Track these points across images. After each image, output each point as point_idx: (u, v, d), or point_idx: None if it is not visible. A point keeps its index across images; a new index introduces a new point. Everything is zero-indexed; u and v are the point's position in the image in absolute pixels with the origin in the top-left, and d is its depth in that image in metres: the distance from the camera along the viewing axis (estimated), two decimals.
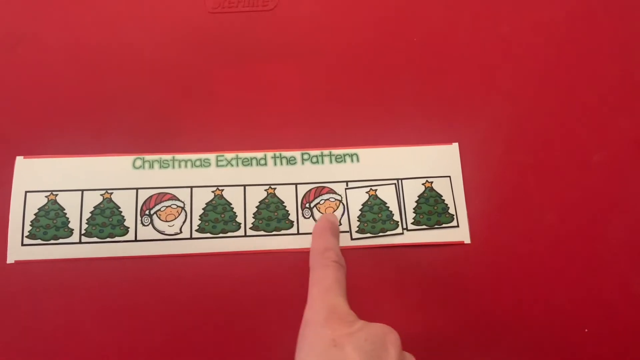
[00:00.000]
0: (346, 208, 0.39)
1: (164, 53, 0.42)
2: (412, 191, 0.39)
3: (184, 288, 0.37)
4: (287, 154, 0.40)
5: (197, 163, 0.39)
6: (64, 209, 0.37)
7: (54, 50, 0.41)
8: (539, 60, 0.42)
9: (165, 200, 0.38)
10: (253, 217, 0.38)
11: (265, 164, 0.39)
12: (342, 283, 0.30)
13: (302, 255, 0.37)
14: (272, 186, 0.39)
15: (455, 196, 0.39)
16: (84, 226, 0.37)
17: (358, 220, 0.38)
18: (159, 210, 0.38)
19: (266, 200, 0.38)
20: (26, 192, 0.38)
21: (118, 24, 0.42)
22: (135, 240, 0.37)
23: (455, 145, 0.40)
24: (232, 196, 0.38)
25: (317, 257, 0.32)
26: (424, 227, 0.38)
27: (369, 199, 0.39)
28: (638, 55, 0.43)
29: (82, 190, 0.38)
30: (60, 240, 0.37)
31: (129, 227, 0.37)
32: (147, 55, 0.42)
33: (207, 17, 0.43)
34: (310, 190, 0.39)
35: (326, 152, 0.40)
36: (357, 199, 0.39)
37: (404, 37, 0.43)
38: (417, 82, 0.42)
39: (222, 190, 0.38)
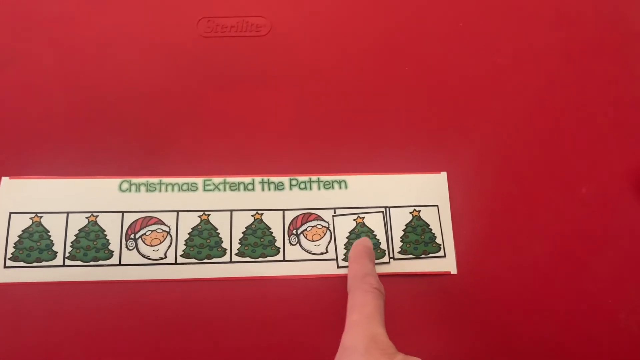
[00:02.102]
0: (333, 236, 0.38)
1: (154, 76, 0.42)
2: (400, 220, 0.39)
3: (168, 314, 0.36)
4: (275, 179, 0.40)
5: (184, 187, 0.39)
6: (49, 231, 0.37)
7: (43, 72, 0.41)
8: (529, 91, 0.43)
9: (151, 225, 0.38)
10: (239, 243, 0.38)
11: (253, 189, 0.39)
12: (382, 311, 0.30)
13: (287, 283, 0.37)
14: (259, 212, 0.39)
15: (442, 226, 0.39)
16: (68, 249, 0.37)
17: (345, 249, 0.38)
18: (144, 234, 0.37)
19: (253, 226, 0.38)
20: (10, 213, 0.37)
21: (109, 46, 0.43)
22: (120, 265, 0.37)
23: (444, 174, 0.40)
24: (219, 221, 0.38)
25: (357, 282, 0.32)
26: (411, 256, 0.38)
27: (356, 226, 0.39)
28: (628, 88, 0.43)
29: (67, 213, 0.38)
30: (44, 263, 0.36)
31: (113, 251, 0.37)
32: (137, 77, 0.42)
33: (199, 41, 0.43)
34: (297, 216, 0.39)
35: (314, 178, 0.40)
36: (344, 227, 0.39)
37: (396, 66, 0.43)
38: (408, 110, 0.42)
39: (209, 215, 0.38)
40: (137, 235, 0.37)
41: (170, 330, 0.36)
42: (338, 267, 0.38)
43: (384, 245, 0.38)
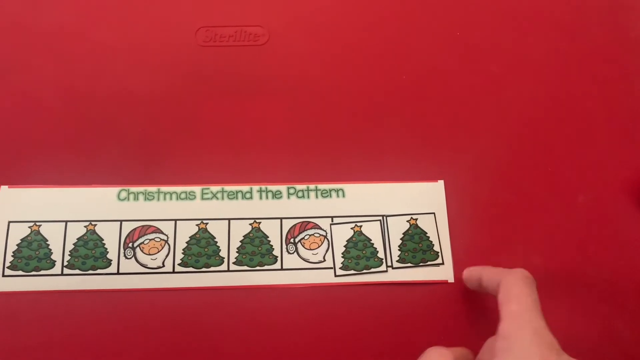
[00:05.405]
0: (331, 244, 0.38)
1: (153, 85, 0.42)
2: (397, 228, 0.39)
3: (166, 322, 0.36)
4: (273, 188, 0.40)
5: (183, 196, 0.39)
6: (47, 240, 0.37)
7: (42, 81, 0.42)
8: (525, 100, 0.43)
9: (149, 233, 0.38)
10: (237, 252, 0.38)
11: (251, 197, 0.39)
12: (539, 303, 0.29)
13: (285, 292, 0.37)
14: (257, 220, 0.39)
15: (439, 234, 0.39)
16: (67, 258, 0.37)
17: (342, 257, 0.38)
18: (142, 243, 0.37)
19: (250, 235, 0.38)
20: (9, 222, 0.38)
21: (108, 55, 0.43)
22: (118, 273, 0.37)
23: (441, 182, 0.40)
24: (217, 230, 0.38)
25: (505, 271, 0.31)
26: (409, 264, 0.38)
27: (353, 235, 0.39)
28: (625, 97, 0.43)
29: (66, 222, 0.38)
30: (42, 272, 0.37)
31: (111, 260, 0.37)
32: (136, 86, 0.42)
33: (197, 50, 0.43)
34: (295, 225, 0.39)
35: (312, 186, 0.40)
36: (341, 235, 0.39)
37: (393, 75, 0.43)
38: (405, 119, 0.42)
39: (207, 223, 0.38)
40: (135, 244, 0.37)
41: (168, 338, 0.36)
42: (335, 275, 0.38)
43: (381, 254, 0.38)
